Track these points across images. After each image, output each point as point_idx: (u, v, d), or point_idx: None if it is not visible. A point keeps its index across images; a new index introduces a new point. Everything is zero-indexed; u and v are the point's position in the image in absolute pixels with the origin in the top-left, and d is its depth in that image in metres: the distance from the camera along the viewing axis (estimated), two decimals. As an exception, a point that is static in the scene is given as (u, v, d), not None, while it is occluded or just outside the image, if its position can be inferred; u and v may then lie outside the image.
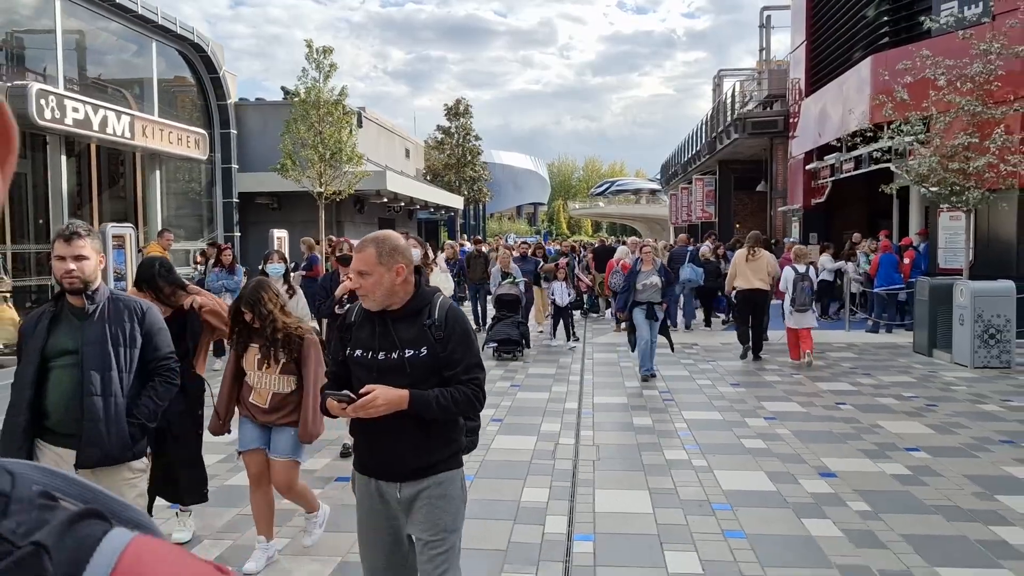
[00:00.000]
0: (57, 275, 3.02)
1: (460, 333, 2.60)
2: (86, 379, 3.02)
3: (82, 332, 3.04)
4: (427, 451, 2.60)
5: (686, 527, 4.46)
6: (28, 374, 3.00)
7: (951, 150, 10.19)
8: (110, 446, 3.04)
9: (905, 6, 15.02)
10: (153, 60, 12.22)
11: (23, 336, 3.12)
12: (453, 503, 2.63)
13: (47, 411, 3.03)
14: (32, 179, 10.74)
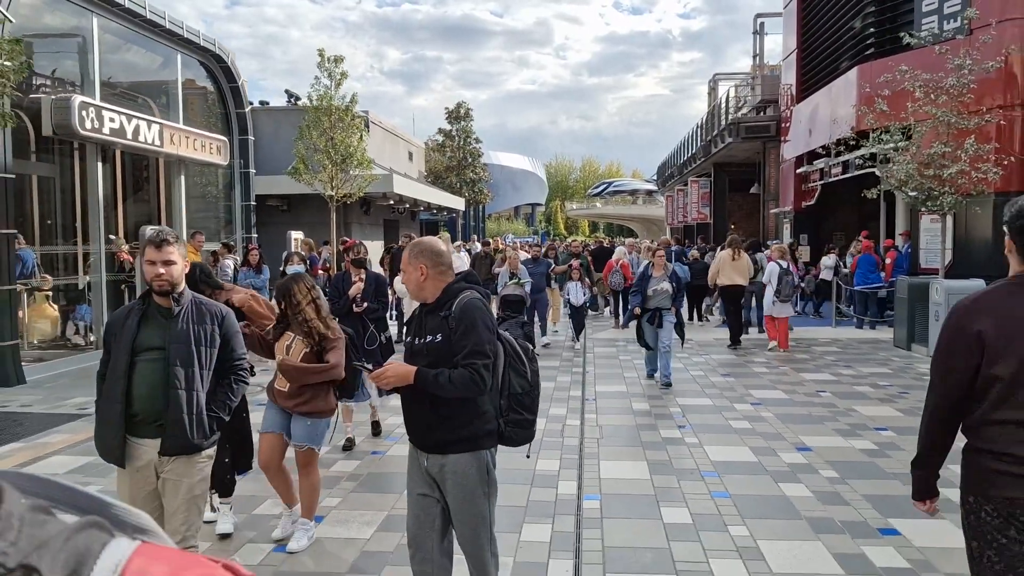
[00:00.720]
0: (147, 277, 3.26)
1: (467, 324, 2.95)
2: (171, 374, 3.21)
3: (168, 330, 3.24)
4: (437, 429, 3.00)
5: (679, 489, 5.19)
6: (121, 366, 3.19)
7: (928, 158, 10.94)
8: (191, 436, 3.24)
9: (890, 19, 15.78)
10: (178, 71, 12.90)
11: (110, 330, 3.34)
12: (469, 484, 3.00)
13: (134, 401, 3.21)
14: (73, 184, 11.44)
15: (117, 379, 3.19)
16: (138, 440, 3.23)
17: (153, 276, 3.21)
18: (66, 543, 0.43)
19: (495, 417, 3.09)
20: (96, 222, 11.01)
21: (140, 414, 3.21)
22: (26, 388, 8.86)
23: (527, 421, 3.17)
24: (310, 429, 4.28)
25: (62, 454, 6.09)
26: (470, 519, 3.04)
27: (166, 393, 3.20)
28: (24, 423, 7.12)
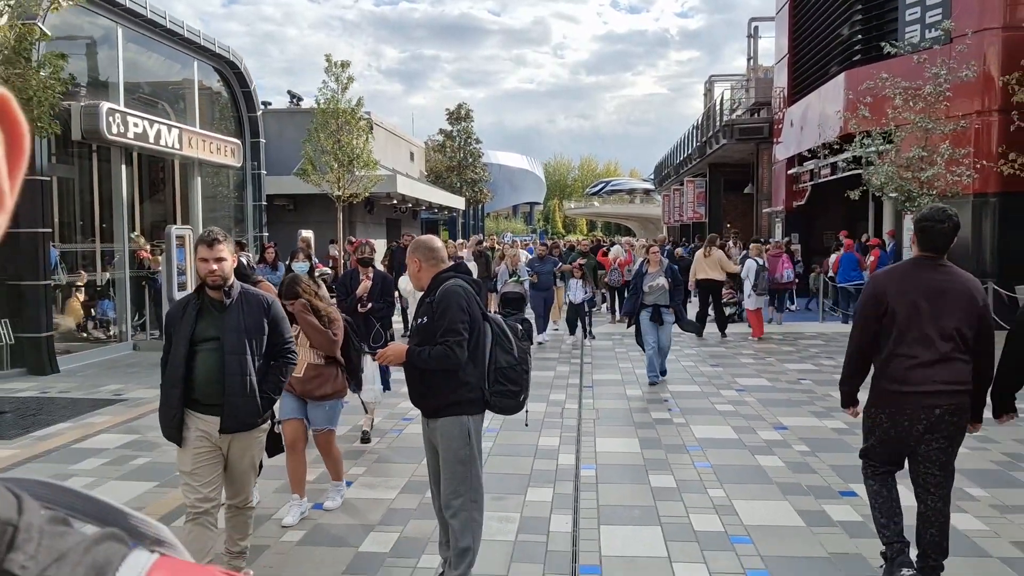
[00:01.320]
0: (201, 274, 3.56)
1: (444, 306, 3.45)
2: (227, 361, 3.50)
3: (222, 321, 3.53)
4: (428, 397, 3.57)
5: (665, 461, 5.83)
6: (180, 355, 3.50)
7: (907, 161, 11.60)
8: (246, 415, 3.55)
9: (876, 27, 16.41)
10: (195, 77, 13.51)
11: (170, 321, 3.67)
12: (454, 441, 3.51)
13: (195, 386, 3.52)
14: (91, 185, 12.03)
15: (177, 366, 3.51)
16: (201, 416, 3.54)
17: (207, 272, 3.50)
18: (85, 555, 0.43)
19: (479, 387, 3.55)
20: (120, 222, 11.62)
21: (201, 398, 3.54)
22: (60, 377, 9.47)
23: (511, 392, 3.61)
24: (328, 412, 4.72)
25: (108, 432, 6.71)
26: (452, 477, 3.54)
27: (222, 379, 3.49)
28: (68, 406, 7.74)
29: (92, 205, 12.47)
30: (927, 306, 3.45)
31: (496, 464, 5.68)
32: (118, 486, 5.25)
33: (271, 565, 4.06)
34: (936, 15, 14.34)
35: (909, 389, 3.46)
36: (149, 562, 0.44)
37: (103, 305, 12.40)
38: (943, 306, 3.45)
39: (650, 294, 8.71)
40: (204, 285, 3.57)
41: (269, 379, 3.66)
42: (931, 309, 3.44)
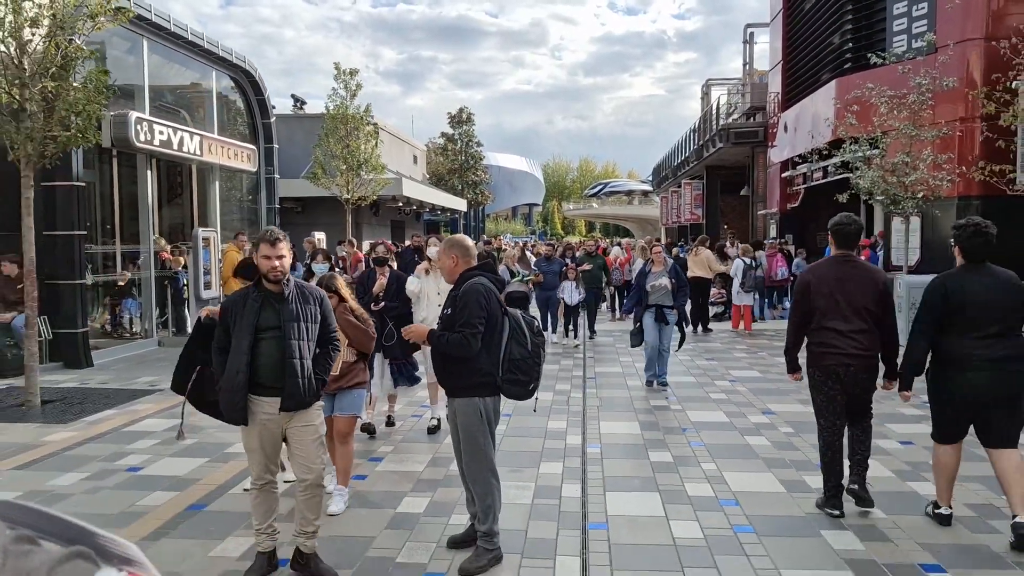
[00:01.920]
0: (263, 269, 3.84)
1: (464, 302, 3.94)
2: (287, 348, 3.80)
3: (281, 312, 3.83)
4: (446, 378, 4.09)
5: (663, 441, 6.44)
6: (244, 343, 3.76)
7: (892, 166, 12.22)
8: (303, 395, 3.87)
9: (865, 36, 17.06)
10: (213, 85, 14.13)
11: (229, 312, 3.88)
12: (469, 418, 4.01)
13: (258, 371, 3.80)
14: (111, 189, 12.63)
15: (241, 353, 3.76)
16: (264, 399, 3.84)
17: (269, 268, 3.80)
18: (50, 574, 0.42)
19: (491, 374, 4.00)
20: (146, 225, 12.23)
21: (264, 381, 3.82)
22: (94, 370, 10.06)
23: (521, 381, 4.07)
24: (355, 399, 5.02)
25: (152, 418, 7.31)
26: (468, 450, 4.05)
27: (283, 363, 3.79)
28: (110, 396, 8.34)
29: (113, 208, 13.06)
30: (840, 291, 4.61)
31: (510, 444, 6.30)
32: (173, 462, 5.86)
33: (320, 523, 4.66)
34: (921, 26, 14.98)
35: (831, 351, 4.63)
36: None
37: (127, 304, 13.00)
38: (853, 290, 4.61)
39: (653, 294, 8.60)
40: (264, 279, 3.86)
41: (319, 364, 3.99)
42: (844, 293, 4.61)
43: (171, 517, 4.71)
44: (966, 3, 13.80)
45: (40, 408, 7.70)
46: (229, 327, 3.86)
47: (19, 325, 9.53)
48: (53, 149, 7.89)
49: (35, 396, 7.81)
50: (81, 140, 8.00)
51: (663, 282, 8.56)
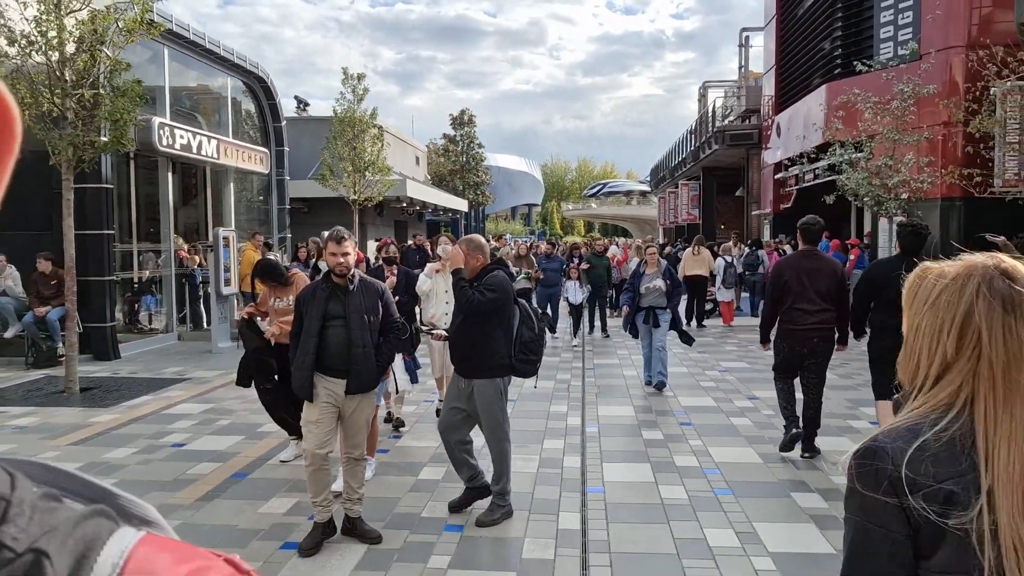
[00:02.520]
0: (330, 265, 4.27)
1: (494, 283, 4.52)
2: (352, 335, 4.20)
3: (347, 303, 4.23)
4: (468, 361, 4.60)
5: (655, 421, 7.07)
6: (314, 329, 4.20)
7: (876, 169, 12.85)
8: (366, 379, 4.28)
9: (854, 43, 17.69)
10: (228, 91, 14.75)
11: (301, 302, 4.35)
12: (490, 396, 4.61)
13: (325, 354, 4.21)
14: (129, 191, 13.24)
15: (311, 338, 4.21)
16: (330, 379, 4.25)
17: (335, 264, 4.22)
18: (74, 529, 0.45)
19: (507, 355, 4.63)
20: (167, 225, 12.85)
21: (330, 364, 4.23)
22: (122, 362, 10.67)
23: (531, 360, 4.74)
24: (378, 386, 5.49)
25: (187, 403, 7.93)
26: (490, 422, 4.67)
27: (348, 349, 4.20)
28: (142, 384, 8.96)
29: (130, 209, 13.65)
30: (807, 279, 5.62)
31: (517, 424, 6.88)
32: (213, 439, 6.48)
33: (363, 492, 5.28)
34: (907, 34, 15.62)
35: (798, 328, 5.79)
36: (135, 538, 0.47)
37: (145, 300, 13.62)
38: (817, 279, 5.64)
39: (646, 296, 8.46)
40: (332, 273, 4.28)
41: (382, 350, 4.39)
42: (809, 281, 5.61)
43: (219, 483, 5.33)
44: (947, 13, 14.43)
45: (79, 395, 8.31)
46: (302, 315, 4.31)
47: (53, 319, 10.15)
48: (91, 154, 8.53)
49: (75, 384, 8.42)
50: (117, 146, 8.63)
51: (657, 284, 8.44)
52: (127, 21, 8.33)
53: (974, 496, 1.10)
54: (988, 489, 1.10)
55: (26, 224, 11.12)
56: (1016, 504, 1.09)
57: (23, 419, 7.25)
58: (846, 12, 18.01)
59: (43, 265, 10.25)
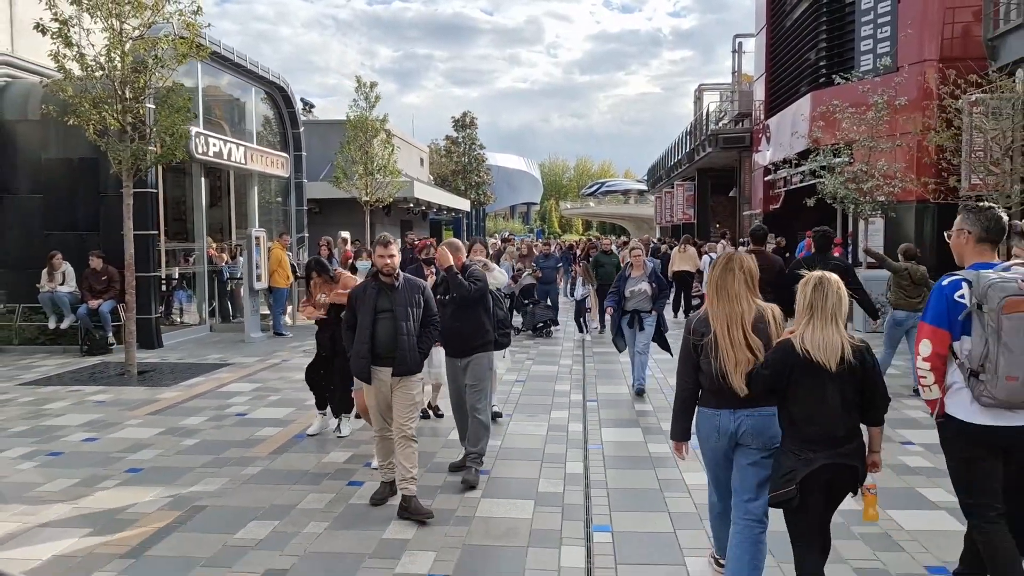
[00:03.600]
0: (378, 266, 4.86)
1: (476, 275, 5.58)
2: (398, 327, 4.80)
3: (393, 299, 4.84)
4: (466, 342, 5.47)
5: (648, 398, 8.17)
6: (367, 322, 4.79)
7: (852, 174, 13.97)
8: (411, 363, 4.84)
9: (837, 54, 18.81)
10: (252, 100, 15.84)
11: (354, 299, 4.94)
12: (481, 369, 5.49)
13: (376, 344, 4.78)
14: (176, 194, 14.33)
15: (365, 329, 4.81)
16: (380, 368, 4.84)
17: (383, 264, 4.85)
18: None
19: (492, 332, 5.64)
20: (200, 225, 13.93)
21: (381, 352, 4.81)
22: (165, 351, 11.75)
23: (506, 334, 5.99)
24: None
25: (237, 383, 9.03)
26: (478, 391, 5.50)
27: (395, 339, 4.79)
28: (191, 368, 10.05)
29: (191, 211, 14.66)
30: None
31: (527, 399, 8.02)
32: (269, 410, 7.58)
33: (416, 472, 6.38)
34: (885, 47, 16.74)
35: None
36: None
37: (178, 295, 14.69)
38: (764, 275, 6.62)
39: (631, 299, 8.29)
40: (380, 273, 4.89)
41: (423, 339, 4.96)
42: None
43: (285, 441, 6.44)
44: (921, 29, 15.56)
45: (137, 377, 9.39)
46: (355, 310, 4.93)
47: (105, 311, 11.24)
48: (147, 163, 9.62)
49: (133, 367, 9.51)
50: (171, 156, 9.72)
51: (642, 287, 8.25)
52: (180, 44, 9.42)
53: (708, 333, 3.32)
54: (712, 331, 3.32)
55: (76, 225, 12.22)
56: (722, 335, 3.31)
57: (99, 396, 8.34)
58: (830, 25, 19.13)
59: (95, 262, 11.32)
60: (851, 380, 3.14)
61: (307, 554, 4.17)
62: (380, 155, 19.40)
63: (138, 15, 9.32)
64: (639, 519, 4.69)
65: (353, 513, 4.80)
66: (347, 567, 4.00)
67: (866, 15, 17.35)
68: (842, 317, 3.18)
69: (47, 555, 4.16)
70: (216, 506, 4.92)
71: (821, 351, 3.11)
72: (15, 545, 4.31)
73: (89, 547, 4.26)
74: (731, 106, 30.24)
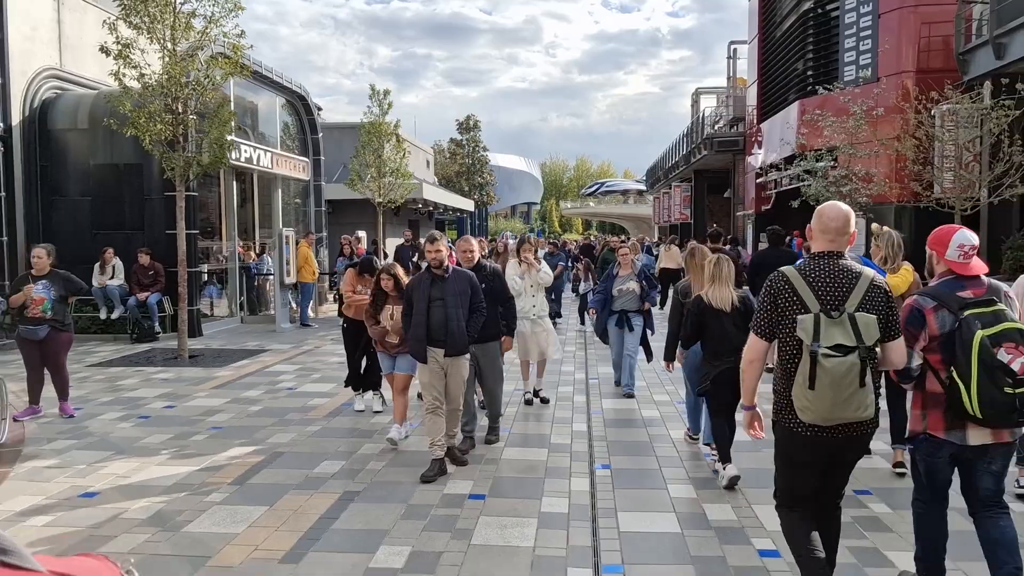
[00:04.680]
0: (429, 260, 5.50)
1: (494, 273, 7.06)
2: (449, 313, 5.43)
3: (444, 288, 5.48)
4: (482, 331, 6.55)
5: (639, 376, 9.35)
6: (423, 309, 5.44)
7: (833, 178, 15.15)
8: (460, 344, 5.48)
9: (823, 64, 20.00)
10: (276, 108, 17.02)
11: (411, 289, 5.60)
12: (494, 352, 6.28)
13: (430, 328, 5.43)
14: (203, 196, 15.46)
15: (421, 314, 5.47)
16: (434, 349, 5.51)
17: (431, 258, 5.53)
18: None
19: (499, 323, 6.32)
20: (231, 226, 15.11)
21: (434, 335, 5.47)
22: (204, 339, 12.91)
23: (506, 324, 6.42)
24: (411, 362, 6.13)
25: (279, 364, 10.20)
26: (494, 372, 6.40)
27: (446, 323, 5.46)
28: (235, 352, 11.22)
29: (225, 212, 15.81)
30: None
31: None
32: (314, 386, 8.75)
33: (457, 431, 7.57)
34: (867, 59, 17.93)
35: None
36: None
37: (208, 290, 15.86)
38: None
39: (619, 299, 8.22)
40: (431, 265, 5.56)
41: (470, 324, 5.64)
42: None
43: (334, 408, 7.62)
44: (899, 43, 16.76)
45: (188, 360, 10.57)
46: (412, 298, 5.61)
47: (152, 302, 12.42)
48: (197, 170, 10.80)
49: (184, 352, 10.69)
50: (218, 164, 10.90)
51: (630, 286, 8.16)
52: (225, 64, 10.60)
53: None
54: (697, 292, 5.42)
55: (122, 225, 13.39)
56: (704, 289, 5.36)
57: (162, 375, 9.53)
58: (816, 37, 20.33)
59: (142, 259, 12.50)
60: (739, 317, 5.18)
61: (372, 483, 5.34)
62: (393, 159, 20.58)
63: (187, 37, 10.51)
64: (632, 461, 5.86)
65: (403, 458, 5.97)
66: (406, 490, 5.17)
67: (849, 28, 18.53)
68: (731, 280, 5.33)
69: (170, 482, 5.34)
70: (292, 452, 6.10)
71: (720, 302, 5.26)
72: (144, 476, 5.49)
73: (201, 478, 5.43)
74: (726, 110, 31.43)
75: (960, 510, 3.73)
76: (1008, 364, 3.10)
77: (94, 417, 7.31)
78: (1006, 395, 3.09)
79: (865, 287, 3.14)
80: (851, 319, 3.06)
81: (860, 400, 3.01)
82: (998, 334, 3.15)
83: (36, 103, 13.51)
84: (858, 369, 2.98)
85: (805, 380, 3.04)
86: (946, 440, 3.33)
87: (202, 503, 4.93)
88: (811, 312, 3.10)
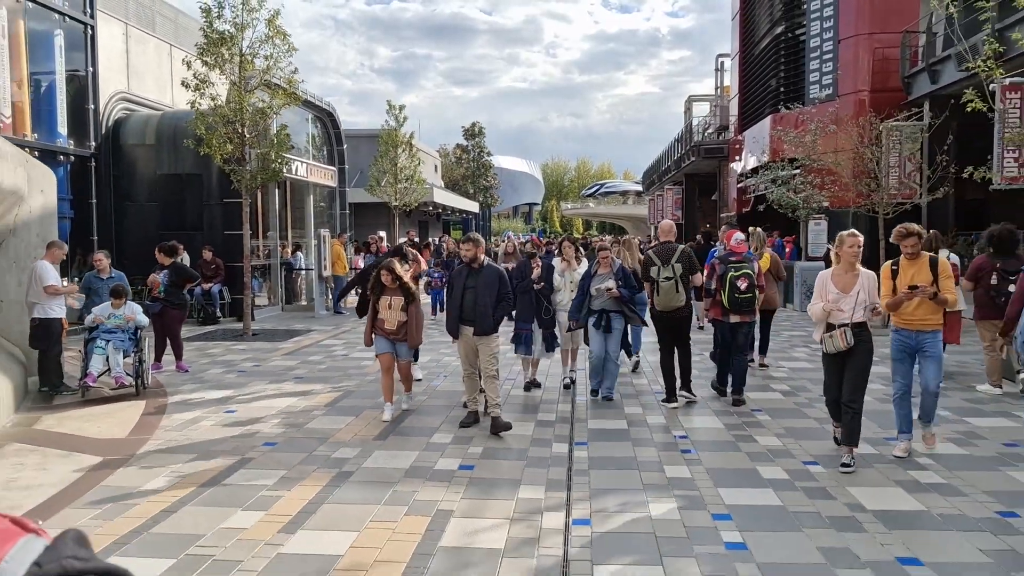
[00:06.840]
0: (463, 255, 6.88)
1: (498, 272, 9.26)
2: (479, 298, 6.58)
3: (477, 279, 6.68)
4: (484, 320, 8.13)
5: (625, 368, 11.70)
6: (458, 293, 6.69)
7: (792, 186, 17.51)
8: (487, 326, 6.61)
9: (793, 83, 22.35)
10: (308, 123, 19.42)
11: (453, 277, 6.96)
12: (495, 342, 6.84)
13: (463, 309, 6.66)
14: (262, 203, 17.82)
15: (456, 298, 6.75)
16: (466, 327, 6.74)
17: (464, 253, 6.90)
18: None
19: None
20: (276, 228, 17.51)
21: (466, 316, 6.69)
22: (256, 323, 15.25)
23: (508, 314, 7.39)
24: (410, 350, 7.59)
25: (327, 340, 12.56)
26: (492, 357, 6.85)
27: (475, 307, 6.64)
28: (287, 332, 13.60)
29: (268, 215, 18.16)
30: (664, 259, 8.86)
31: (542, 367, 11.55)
32: (362, 354, 11.06)
33: (500, 400, 9.92)
34: (828, 79, 20.28)
35: None
36: None
37: (253, 283, 18.24)
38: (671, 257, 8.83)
39: (597, 298, 8.10)
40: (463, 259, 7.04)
41: (498, 309, 6.75)
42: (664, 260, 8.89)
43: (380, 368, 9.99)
44: (856, 67, 19.12)
45: (252, 336, 12.93)
46: (453, 284, 6.98)
47: (215, 292, 14.80)
48: (257, 183, 13.19)
49: (248, 330, 13.08)
50: (276, 177, 13.29)
51: (608, 285, 7.97)
52: (282, 96, 12.99)
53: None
54: None
55: (184, 226, 15.76)
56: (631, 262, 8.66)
57: (238, 347, 11.91)
58: (787, 57, 22.69)
59: (206, 254, 14.89)
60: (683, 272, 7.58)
61: (420, 406, 7.72)
62: (407, 166, 22.99)
63: (248, 70, 12.88)
64: (609, 434, 8.21)
65: (434, 399, 8.33)
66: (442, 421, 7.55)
67: (814, 52, 20.88)
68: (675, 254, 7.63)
69: (277, 408, 7.71)
70: (359, 391, 8.48)
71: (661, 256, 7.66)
72: (263, 403, 7.86)
73: (299, 406, 7.80)
74: (714, 119, 33.80)
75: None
76: (737, 284, 6.91)
77: (205, 371, 9.70)
78: (737, 299, 7.53)
79: (678, 252, 7.05)
80: (672, 267, 7.18)
81: (677, 298, 7.30)
82: (737, 275, 6.98)
83: (110, 122, 15.89)
84: (675, 284, 6.94)
85: (656, 293, 7.30)
86: (723, 320, 7.86)
87: (311, 416, 7.32)
88: (657, 265, 7.00)
